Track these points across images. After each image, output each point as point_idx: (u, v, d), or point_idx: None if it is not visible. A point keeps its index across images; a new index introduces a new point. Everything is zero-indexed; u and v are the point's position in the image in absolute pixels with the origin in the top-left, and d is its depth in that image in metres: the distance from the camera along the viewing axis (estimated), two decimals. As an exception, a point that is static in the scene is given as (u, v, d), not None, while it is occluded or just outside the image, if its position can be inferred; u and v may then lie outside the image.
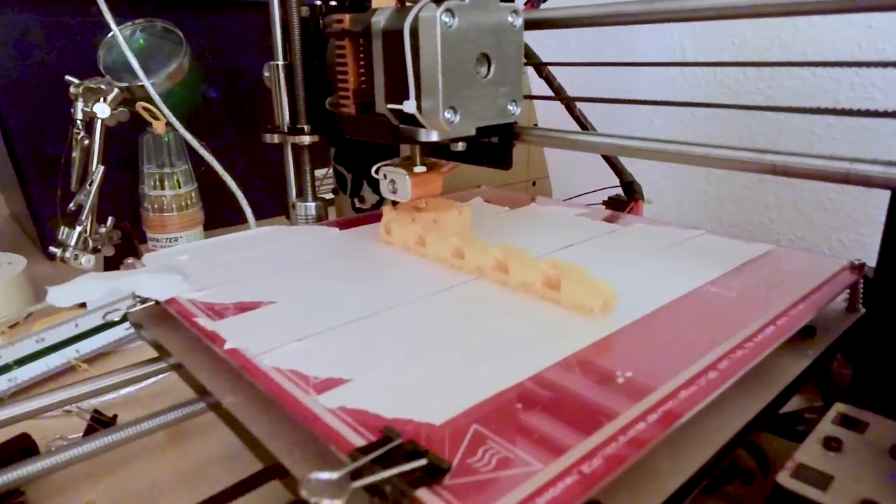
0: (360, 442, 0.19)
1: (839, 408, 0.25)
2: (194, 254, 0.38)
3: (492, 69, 0.33)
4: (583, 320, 0.28)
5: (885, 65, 0.28)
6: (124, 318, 0.33)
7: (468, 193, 0.51)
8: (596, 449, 0.18)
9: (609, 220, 0.44)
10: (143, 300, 0.32)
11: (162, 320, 0.31)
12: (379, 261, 0.37)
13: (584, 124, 0.54)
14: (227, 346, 0.26)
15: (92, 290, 0.32)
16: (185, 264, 0.36)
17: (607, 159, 0.58)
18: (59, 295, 0.32)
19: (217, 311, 0.29)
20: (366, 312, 0.29)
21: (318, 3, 0.45)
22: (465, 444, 0.19)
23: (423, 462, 0.17)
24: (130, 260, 0.36)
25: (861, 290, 0.32)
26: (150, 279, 0.33)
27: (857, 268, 0.32)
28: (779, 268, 0.34)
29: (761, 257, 0.35)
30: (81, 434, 0.34)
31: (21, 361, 0.41)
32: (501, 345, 0.25)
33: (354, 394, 0.22)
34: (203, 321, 0.28)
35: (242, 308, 0.30)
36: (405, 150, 0.48)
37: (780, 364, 0.27)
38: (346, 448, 0.18)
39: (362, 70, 0.35)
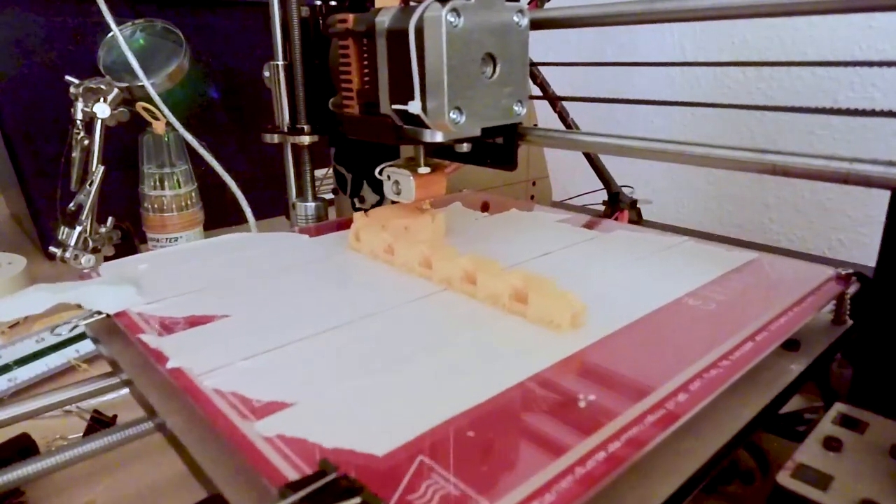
0: (293, 475, 0.17)
1: (839, 408, 0.25)
2: (154, 262, 0.36)
3: (497, 69, 0.33)
4: (550, 336, 0.26)
5: (885, 65, 0.28)
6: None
7: (450, 198, 0.49)
8: (549, 483, 0.17)
9: (589, 226, 0.42)
10: (98, 312, 0.30)
11: (118, 334, 0.30)
12: (345, 271, 0.35)
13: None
14: (170, 364, 0.24)
15: (39, 302, 0.30)
16: (141, 274, 0.34)
17: (596, 169, 0.59)
18: (4, 309, 0.30)
19: (167, 326, 0.28)
20: (322, 327, 0.27)
21: (318, 3, 0.45)
22: (407, 479, 0.17)
23: (356, 501, 0.16)
24: (86, 270, 0.34)
25: (848, 302, 0.31)
26: (101, 291, 0.31)
27: (844, 278, 0.31)
28: (762, 278, 0.32)
29: (745, 266, 0.33)
30: (81, 434, 0.34)
31: (21, 361, 0.41)
32: (460, 364, 0.24)
33: (296, 420, 0.20)
34: (148, 337, 0.27)
35: (194, 322, 0.28)
36: (406, 150, 0.48)
37: (762, 379, 0.26)
38: (279, 481, 0.17)
39: (366, 70, 0.35)
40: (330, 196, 0.58)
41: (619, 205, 0.59)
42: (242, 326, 0.28)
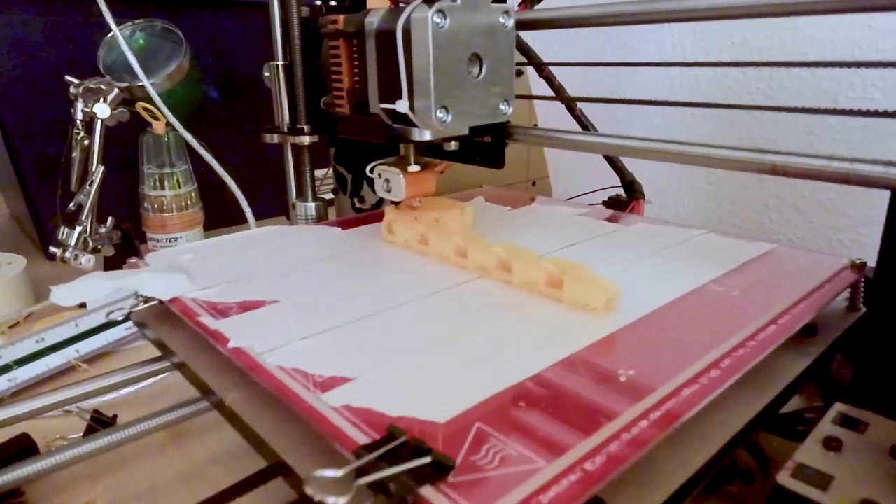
0: (364, 440, 0.19)
1: (839, 408, 0.25)
2: (198, 253, 0.38)
3: (483, 69, 0.34)
4: (586, 318, 0.28)
5: (885, 65, 0.28)
6: (127, 318, 0.33)
7: (469, 193, 0.51)
8: (599, 447, 0.18)
9: (611, 219, 0.44)
10: (147, 299, 0.32)
11: (165, 319, 0.31)
12: (382, 260, 0.37)
13: (584, 124, 0.54)
14: (231, 344, 0.26)
15: (96, 289, 0.32)
16: (188, 263, 0.36)
17: (608, 159, 0.58)
18: (63, 294, 0.31)
19: (220, 311, 0.29)
20: (369, 311, 0.29)
21: (318, 3, 0.45)
22: (468, 442, 0.19)
23: (427, 460, 0.17)
24: (134, 259, 0.36)
25: (862, 289, 0.32)
26: (154, 278, 0.33)
27: (858, 267, 0.32)
28: (780, 267, 0.34)
29: (763, 256, 0.35)
30: (81, 434, 0.34)
31: (21, 361, 0.41)
32: (504, 343, 0.26)
33: (358, 392, 0.22)
34: (207, 320, 0.28)
35: (246, 307, 0.30)
36: (403, 149, 0.48)
37: (781, 363, 0.27)
38: (351, 446, 0.19)
39: (356, 70, 0.36)
40: (330, 196, 0.58)
41: (634, 194, 0.58)
42: (293, 310, 0.29)
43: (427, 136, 0.34)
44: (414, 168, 0.38)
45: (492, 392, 0.21)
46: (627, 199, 0.57)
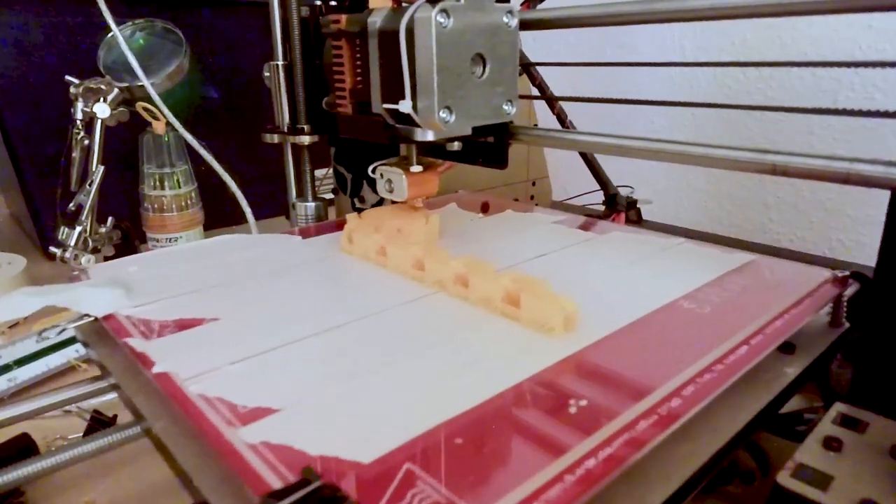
0: (277, 483, 0.17)
1: (839, 408, 0.25)
2: (144, 265, 0.36)
3: (487, 69, 0.33)
4: (542, 339, 0.26)
5: (885, 65, 0.28)
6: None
7: (444, 199, 0.49)
8: (539, 491, 0.17)
9: (585, 227, 0.42)
10: (87, 315, 0.30)
11: (107, 337, 0.30)
12: (337, 273, 0.35)
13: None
14: (155, 369, 0.24)
15: (28, 304, 0.30)
16: (131, 276, 0.34)
17: (593, 172, 0.59)
18: None
19: (155, 329, 0.28)
20: (312, 331, 0.27)
21: (318, 3, 0.45)
22: (393, 487, 0.17)
23: None
24: (76, 272, 0.34)
25: (845, 304, 0.30)
26: (90, 294, 0.31)
27: (840, 280, 0.31)
28: (758, 280, 0.32)
29: (741, 268, 0.33)
30: (81, 434, 0.34)
31: (21, 361, 0.41)
32: (451, 368, 0.24)
33: (282, 426, 0.20)
34: (135, 341, 0.26)
35: (182, 325, 0.28)
36: (405, 149, 0.48)
37: (771, 372, 0.26)
38: (262, 489, 0.17)
39: (358, 70, 0.35)
40: (330, 196, 0.58)
41: (616, 206, 0.59)
42: (231, 330, 0.28)
43: (430, 136, 0.34)
44: (416, 168, 0.37)
45: (428, 426, 0.20)
46: (619, 206, 0.58)
